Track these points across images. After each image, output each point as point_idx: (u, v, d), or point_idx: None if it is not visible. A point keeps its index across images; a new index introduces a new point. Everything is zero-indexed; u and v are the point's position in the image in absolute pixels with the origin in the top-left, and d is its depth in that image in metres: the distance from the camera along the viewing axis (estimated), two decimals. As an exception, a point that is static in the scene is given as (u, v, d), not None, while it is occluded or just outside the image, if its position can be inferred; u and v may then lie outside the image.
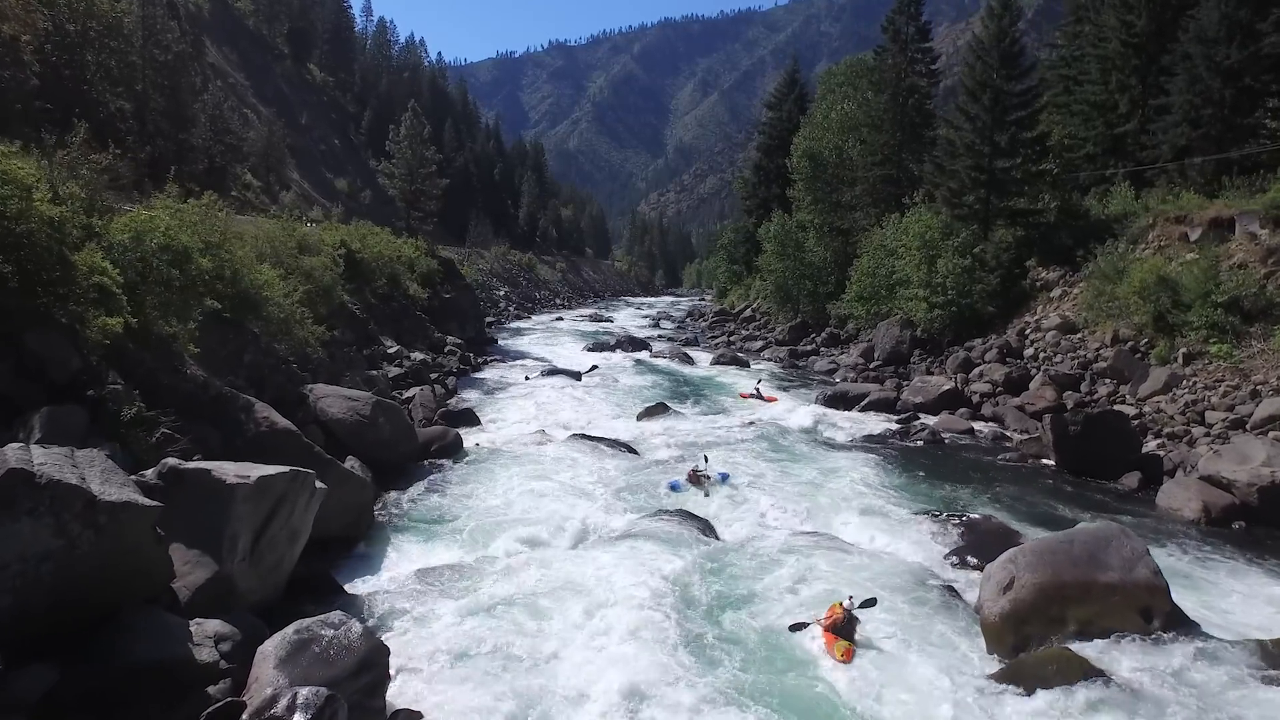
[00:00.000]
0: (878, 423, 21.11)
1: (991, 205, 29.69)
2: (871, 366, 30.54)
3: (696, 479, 13.94)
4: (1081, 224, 27.94)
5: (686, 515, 11.47)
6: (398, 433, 13.66)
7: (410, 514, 11.90)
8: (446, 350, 29.83)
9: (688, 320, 64.67)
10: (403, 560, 10.05)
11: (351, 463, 12.25)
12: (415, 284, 34.78)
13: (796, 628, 8.51)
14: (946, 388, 23.45)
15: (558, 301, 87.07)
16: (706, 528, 11.27)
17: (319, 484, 8.21)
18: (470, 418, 18.55)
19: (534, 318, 63.62)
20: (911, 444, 18.07)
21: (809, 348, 37.47)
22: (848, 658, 7.91)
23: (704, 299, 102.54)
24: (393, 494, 12.60)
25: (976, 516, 11.83)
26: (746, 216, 59.95)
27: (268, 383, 12.49)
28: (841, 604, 8.45)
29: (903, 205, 35.05)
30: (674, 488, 13.74)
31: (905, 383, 27.30)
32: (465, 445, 15.74)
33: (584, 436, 16.51)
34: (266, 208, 44.12)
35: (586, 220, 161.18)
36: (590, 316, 65.42)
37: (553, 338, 45.04)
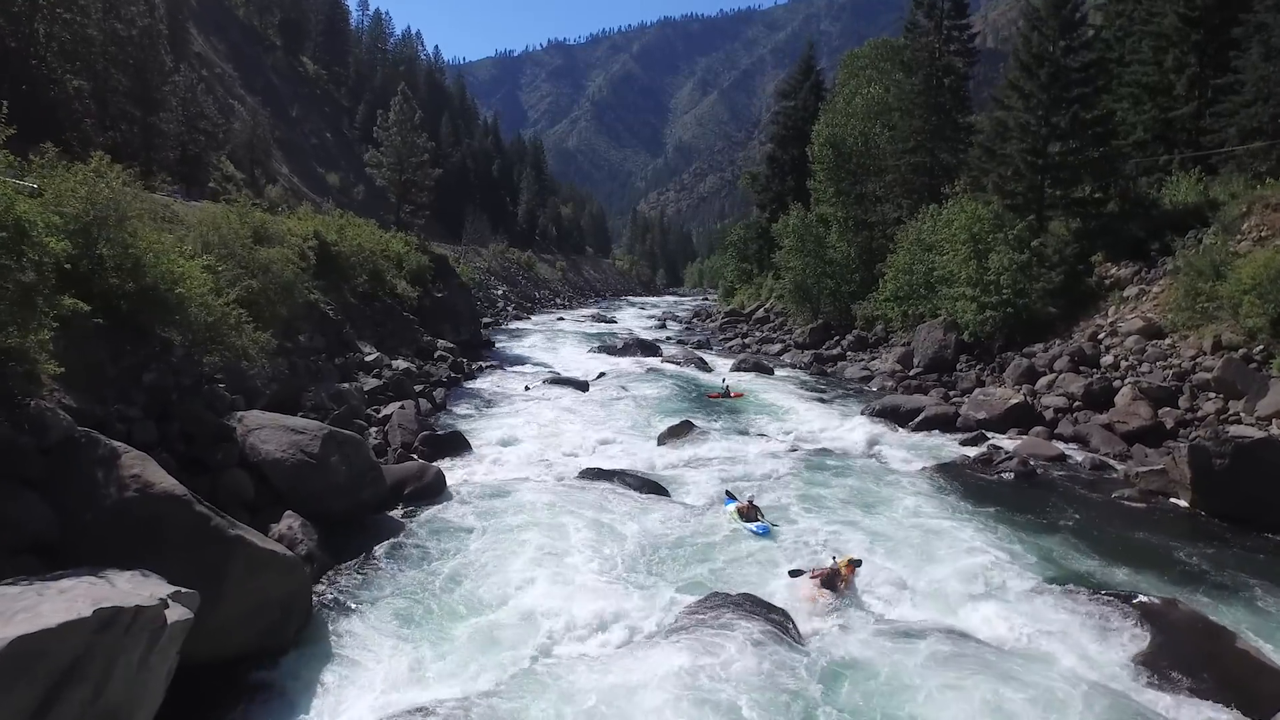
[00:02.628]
0: (943, 444, 17.88)
1: (1048, 193, 26.44)
2: (911, 374, 27.36)
3: (749, 511, 11.41)
4: (1154, 214, 24.68)
5: (753, 603, 8.20)
6: (357, 474, 10.34)
7: (366, 600, 8.58)
8: (436, 356, 26.52)
9: (695, 321, 61.48)
10: (346, 697, 6.68)
11: (289, 522, 8.97)
12: (404, 282, 31.52)
13: (795, 573, 9.49)
14: (1014, 402, 20.18)
15: (558, 301, 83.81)
16: (784, 622, 7.99)
17: (179, 613, 4.97)
18: (458, 443, 15.25)
19: (534, 318, 60.37)
20: (998, 476, 14.78)
21: (834, 351, 34.26)
22: (812, 600, 8.98)
23: (707, 299, 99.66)
24: (345, 567, 9.27)
25: (1154, 601, 8.52)
26: (759, 211, 56.68)
27: (176, 412, 9.23)
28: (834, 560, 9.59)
29: (940, 195, 31.78)
30: (761, 533, 10.98)
31: (952, 392, 24.34)
32: (449, 483, 12.43)
33: (598, 472, 13.20)
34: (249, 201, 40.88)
35: (586, 219, 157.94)
36: (592, 317, 62.19)
37: (554, 340, 41.75)
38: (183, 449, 8.81)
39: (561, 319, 60.29)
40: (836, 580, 9.15)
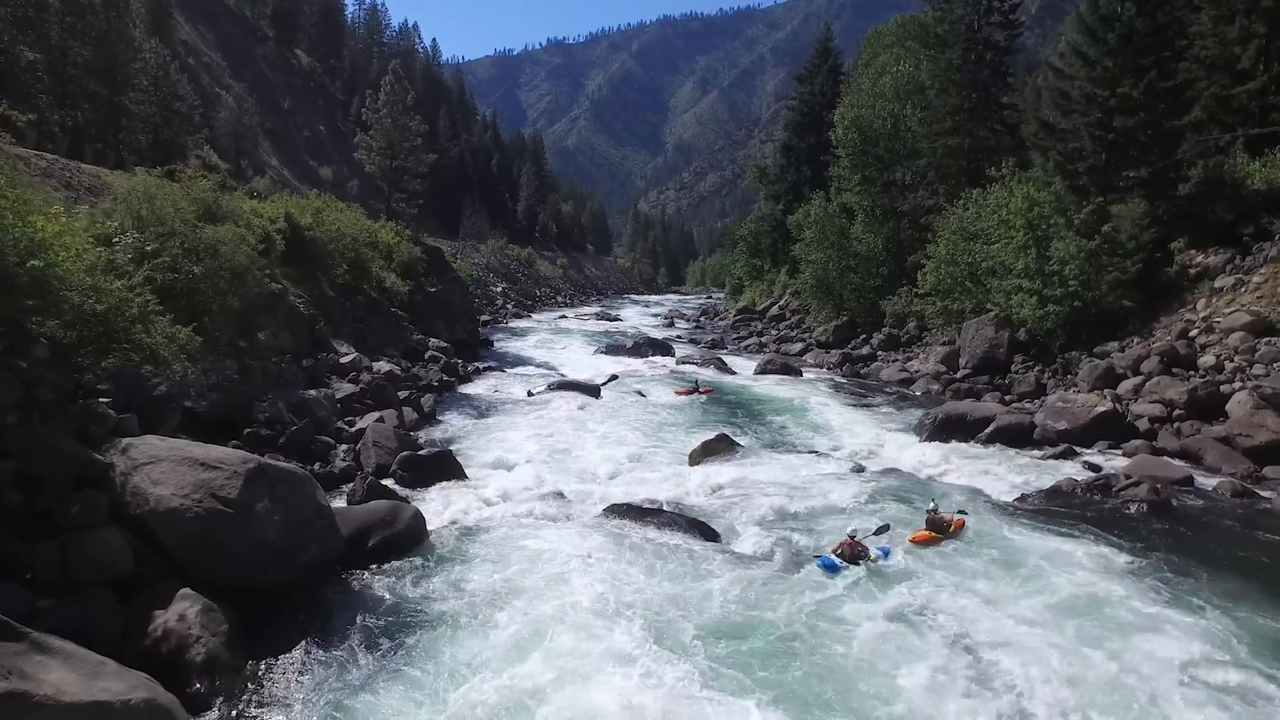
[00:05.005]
0: (1029, 463, 14.96)
1: (1118, 173, 23.46)
2: (959, 376, 24.51)
3: (854, 554, 9.14)
4: (1243, 193, 21.72)
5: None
6: (297, 525, 7.32)
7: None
8: (427, 357, 23.54)
9: (703, 319, 58.61)
10: None
11: (183, 608, 6.00)
12: (393, 275, 28.58)
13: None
14: (1100, 410, 17.20)
15: (559, 299, 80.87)
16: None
17: None
18: (447, 465, 12.25)
19: (534, 316, 57.44)
20: (1125, 508, 11.79)
21: (863, 351, 31.34)
22: (917, 540, 9.86)
23: (711, 297, 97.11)
24: (268, 672, 6.24)
25: None
26: (774, 203, 53.66)
27: (13, 442, 6.26)
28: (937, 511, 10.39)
29: (984, 178, 28.76)
30: (828, 566, 8.92)
31: (1008, 396, 21.59)
32: (432, 527, 9.42)
33: (628, 510, 10.16)
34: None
35: (587, 216, 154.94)
36: (596, 315, 59.29)
37: (557, 339, 38.79)
38: (19, 500, 5.85)
39: (564, 317, 57.37)
40: (944, 527, 10.15)
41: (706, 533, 9.70)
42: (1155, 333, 20.53)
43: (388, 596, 7.67)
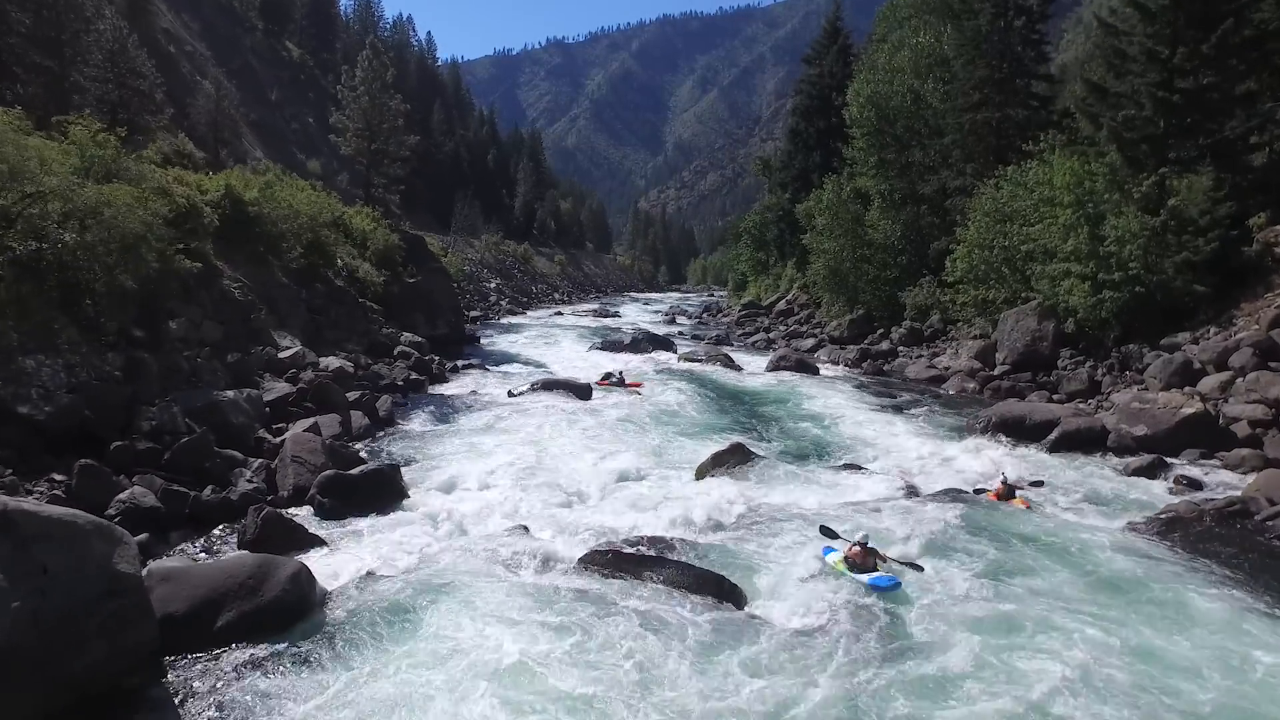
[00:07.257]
0: (1115, 477, 12.18)
1: (1181, 142, 20.60)
2: (997, 373, 21.86)
3: (864, 559, 7.54)
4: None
5: None
6: (66, 614, 4.17)
7: None
8: (397, 353, 20.71)
9: (706, 316, 55.91)
10: None
11: None
12: (368, 264, 25.83)
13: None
14: (1189, 412, 14.38)
15: (556, 296, 78.15)
16: None
17: None
18: (385, 487, 9.41)
19: (530, 313, 54.72)
20: (1274, 543, 8.94)
21: (883, 347, 28.60)
22: (995, 496, 10.43)
23: (713, 294, 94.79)
24: None
25: None
26: (781, 191, 50.85)
27: None
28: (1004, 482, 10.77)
29: (1019, 154, 25.90)
30: (884, 585, 7.33)
31: (1056, 395, 18.97)
32: (337, 584, 6.53)
33: (616, 559, 7.24)
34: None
35: (586, 214, 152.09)
36: (594, 312, 56.56)
37: (550, 335, 35.99)
38: None
39: (560, 314, 54.61)
40: (1013, 491, 10.56)
41: (724, 590, 6.79)
42: (1236, 321, 17.67)
43: (225, 716, 4.80)
